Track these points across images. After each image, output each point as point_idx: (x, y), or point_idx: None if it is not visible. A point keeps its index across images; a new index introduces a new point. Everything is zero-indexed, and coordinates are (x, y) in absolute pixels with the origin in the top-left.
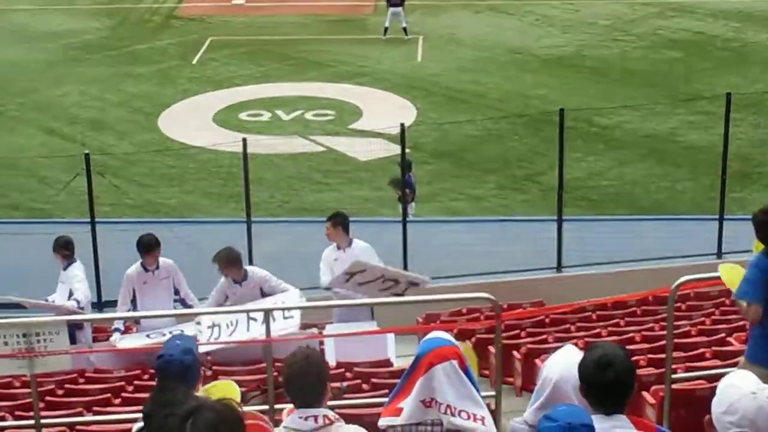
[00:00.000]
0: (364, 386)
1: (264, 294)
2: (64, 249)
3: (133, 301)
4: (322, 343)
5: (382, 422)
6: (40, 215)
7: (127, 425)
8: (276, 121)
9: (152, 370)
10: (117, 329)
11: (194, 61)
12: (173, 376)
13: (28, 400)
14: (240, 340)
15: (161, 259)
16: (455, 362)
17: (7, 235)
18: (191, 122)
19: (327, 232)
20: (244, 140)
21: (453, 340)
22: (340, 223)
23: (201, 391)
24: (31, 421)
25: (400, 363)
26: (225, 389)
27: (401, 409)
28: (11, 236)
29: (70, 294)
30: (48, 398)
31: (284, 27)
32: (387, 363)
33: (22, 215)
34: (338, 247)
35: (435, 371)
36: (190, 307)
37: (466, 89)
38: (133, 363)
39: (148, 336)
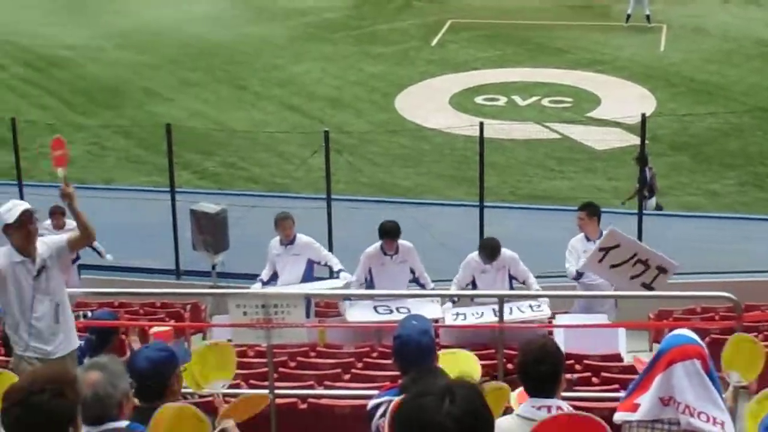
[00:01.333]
0: (594, 379)
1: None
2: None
3: (369, 279)
4: (551, 332)
5: (618, 417)
6: (278, 189)
7: (357, 401)
8: (512, 107)
9: (381, 348)
10: (347, 299)
11: (433, 43)
12: (410, 357)
13: (263, 370)
14: (473, 324)
15: (400, 242)
16: (697, 362)
17: (245, 207)
18: (427, 104)
19: (580, 222)
20: (481, 124)
21: (698, 338)
22: (595, 213)
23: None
24: (266, 391)
25: (630, 358)
26: (466, 361)
27: (638, 405)
28: (249, 209)
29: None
30: (281, 369)
31: (525, 12)
32: (617, 357)
33: (260, 188)
34: (587, 239)
35: (675, 369)
36: (423, 286)
37: (709, 81)
38: (362, 340)
39: (375, 309)
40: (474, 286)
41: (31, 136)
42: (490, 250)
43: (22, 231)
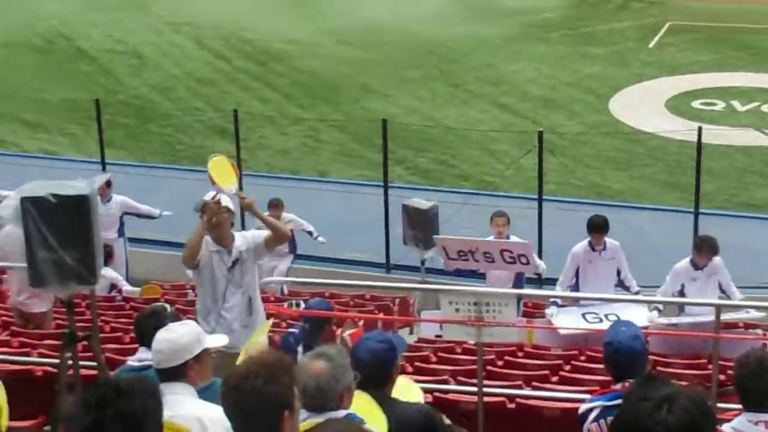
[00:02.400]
0: None
1: None
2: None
3: (576, 279)
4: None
5: None
6: (488, 187)
7: (567, 404)
8: (730, 112)
9: (588, 352)
10: (554, 302)
11: (650, 45)
12: (623, 363)
13: (471, 367)
14: (685, 332)
15: (608, 240)
16: None
17: (454, 204)
18: (643, 107)
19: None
20: (700, 129)
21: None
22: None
23: None
24: (474, 388)
25: None
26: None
27: None
28: (458, 206)
29: None
30: (488, 368)
31: (747, 15)
32: None
33: (470, 186)
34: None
35: None
36: (627, 289)
37: None
38: (570, 343)
39: (584, 316)
40: (681, 295)
41: (251, 128)
42: (710, 247)
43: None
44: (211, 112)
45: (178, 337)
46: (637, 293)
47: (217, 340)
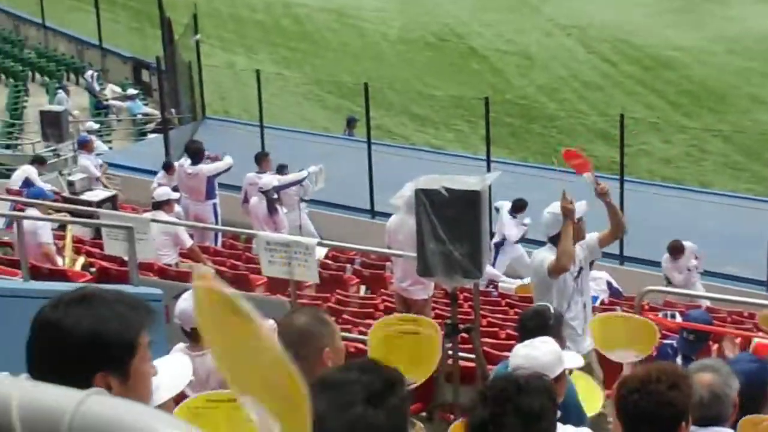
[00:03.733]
0: None
1: None
2: None
3: None
4: None
5: None
6: None
7: None
8: None
9: None
10: None
11: None
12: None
13: None
14: None
15: None
16: None
17: None
18: None
19: None
20: None
21: None
22: None
23: None
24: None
25: None
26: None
27: None
28: None
29: None
30: None
31: None
32: None
33: None
34: None
35: None
36: None
37: None
38: None
39: None
40: None
41: (634, 134)
42: None
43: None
44: (595, 115)
45: (541, 355)
46: None
47: (574, 361)
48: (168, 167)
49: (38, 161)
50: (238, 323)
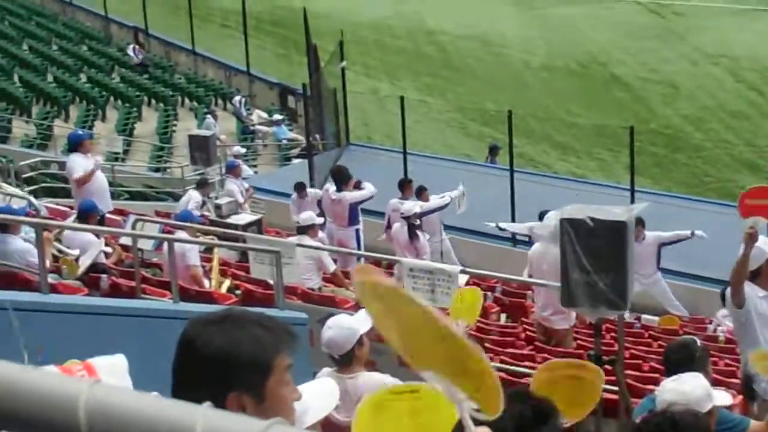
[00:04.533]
0: None
1: None
2: None
3: None
4: None
5: None
6: None
7: None
8: None
9: None
10: None
11: None
12: None
13: None
14: None
15: None
16: None
17: None
18: None
19: None
20: None
21: None
22: None
23: None
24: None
25: None
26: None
27: None
28: None
29: None
30: None
31: None
32: None
33: None
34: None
35: None
36: None
37: None
38: None
39: None
40: None
41: None
42: None
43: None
44: (741, 145)
45: (690, 390)
46: None
47: (723, 398)
48: (300, 189)
49: (201, 185)
50: (408, 307)
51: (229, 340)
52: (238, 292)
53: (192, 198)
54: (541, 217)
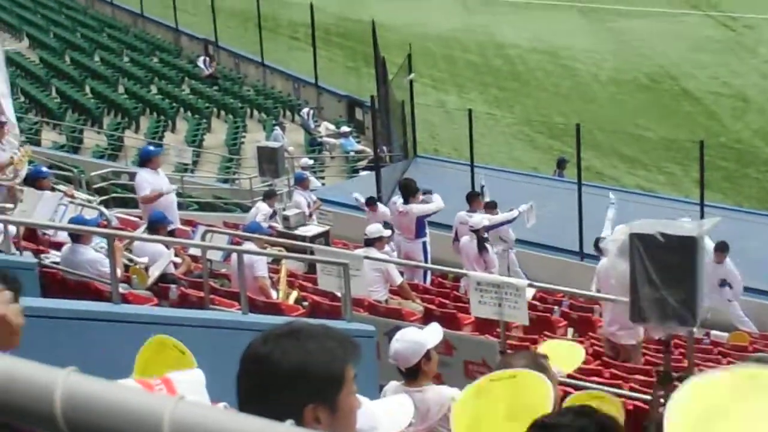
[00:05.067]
0: None
1: None
2: None
3: None
4: None
5: None
6: None
7: None
8: None
9: None
10: None
11: None
12: None
13: None
14: None
15: None
16: None
17: None
18: None
19: None
20: None
21: None
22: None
23: None
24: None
25: None
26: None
27: None
28: None
29: None
30: None
31: None
32: None
33: None
34: None
35: None
36: None
37: None
38: None
39: None
40: None
41: None
42: None
43: None
44: None
45: None
46: None
47: None
48: (370, 203)
49: (268, 196)
50: None
51: (305, 353)
52: (305, 303)
53: (260, 209)
54: (596, 244)
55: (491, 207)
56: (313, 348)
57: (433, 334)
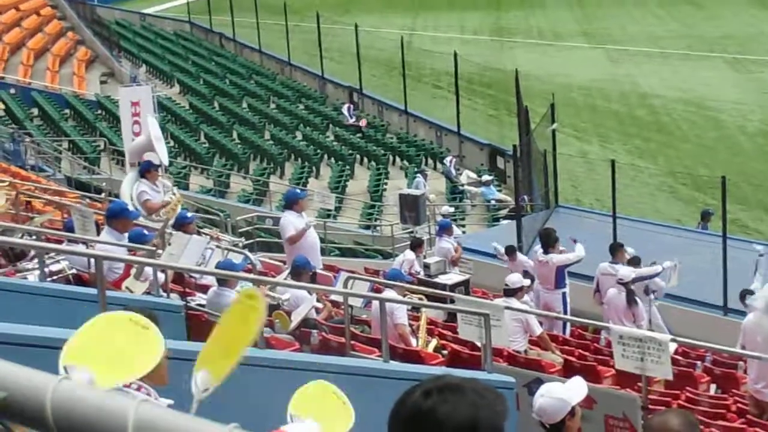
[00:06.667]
0: None
1: None
2: None
3: None
4: None
5: None
6: None
7: None
8: None
9: None
10: None
11: None
12: None
13: None
14: None
15: None
16: None
17: None
18: None
19: None
20: None
21: None
22: None
23: None
24: None
25: None
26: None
27: None
28: None
29: None
30: None
31: None
32: None
33: None
34: None
35: None
36: None
37: None
38: None
39: None
40: None
41: None
42: None
43: None
44: None
45: None
46: None
47: None
48: (510, 252)
49: (416, 245)
50: None
51: (474, 408)
52: (444, 352)
53: (406, 258)
54: (742, 297)
55: (635, 263)
56: (480, 403)
57: (578, 390)
